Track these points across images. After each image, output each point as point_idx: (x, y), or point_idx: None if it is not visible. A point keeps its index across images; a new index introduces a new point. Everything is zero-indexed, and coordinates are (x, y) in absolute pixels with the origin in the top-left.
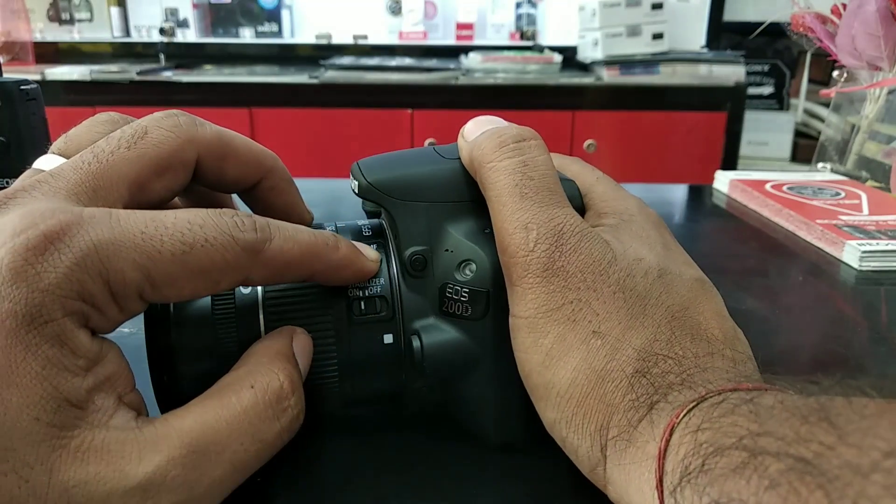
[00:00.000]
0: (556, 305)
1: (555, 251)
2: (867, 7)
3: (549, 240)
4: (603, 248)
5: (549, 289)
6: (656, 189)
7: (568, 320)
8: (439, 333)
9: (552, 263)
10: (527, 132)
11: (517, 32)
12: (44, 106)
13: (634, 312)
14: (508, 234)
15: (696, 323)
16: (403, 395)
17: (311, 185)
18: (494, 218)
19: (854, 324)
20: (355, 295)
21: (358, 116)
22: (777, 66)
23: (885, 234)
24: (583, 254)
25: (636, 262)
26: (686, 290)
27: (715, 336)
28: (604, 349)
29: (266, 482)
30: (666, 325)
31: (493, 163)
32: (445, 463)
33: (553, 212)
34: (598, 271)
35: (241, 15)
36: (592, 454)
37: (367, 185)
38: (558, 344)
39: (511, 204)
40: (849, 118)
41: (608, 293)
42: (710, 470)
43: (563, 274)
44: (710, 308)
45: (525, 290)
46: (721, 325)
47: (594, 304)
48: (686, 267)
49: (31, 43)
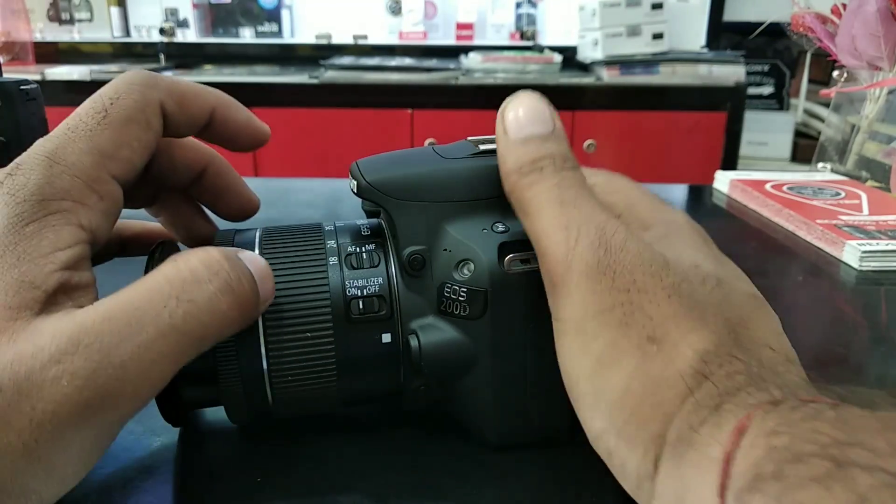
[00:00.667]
0: (606, 307)
1: (599, 247)
2: (867, 7)
3: (591, 236)
4: (652, 251)
5: (597, 288)
6: (656, 189)
7: (620, 324)
8: (437, 333)
9: (597, 261)
10: (562, 157)
11: (517, 32)
12: (44, 106)
13: (693, 317)
14: (547, 237)
15: (757, 336)
16: (401, 394)
17: (311, 185)
18: (532, 234)
19: (854, 324)
20: (353, 294)
21: (358, 116)
22: (777, 66)
23: (885, 234)
24: (630, 253)
25: (693, 268)
26: (745, 303)
27: (770, 353)
28: (661, 354)
29: (266, 482)
30: (726, 334)
31: (530, 187)
32: (445, 463)
33: (594, 212)
34: (649, 272)
35: (241, 15)
36: (643, 467)
37: (365, 185)
38: (610, 349)
39: (549, 212)
40: (849, 118)
41: (663, 296)
42: (785, 477)
43: (611, 273)
44: (769, 326)
45: (570, 290)
46: (781, 344)
47: (648, 308)
48: (741, 281)
49: (31, 43)
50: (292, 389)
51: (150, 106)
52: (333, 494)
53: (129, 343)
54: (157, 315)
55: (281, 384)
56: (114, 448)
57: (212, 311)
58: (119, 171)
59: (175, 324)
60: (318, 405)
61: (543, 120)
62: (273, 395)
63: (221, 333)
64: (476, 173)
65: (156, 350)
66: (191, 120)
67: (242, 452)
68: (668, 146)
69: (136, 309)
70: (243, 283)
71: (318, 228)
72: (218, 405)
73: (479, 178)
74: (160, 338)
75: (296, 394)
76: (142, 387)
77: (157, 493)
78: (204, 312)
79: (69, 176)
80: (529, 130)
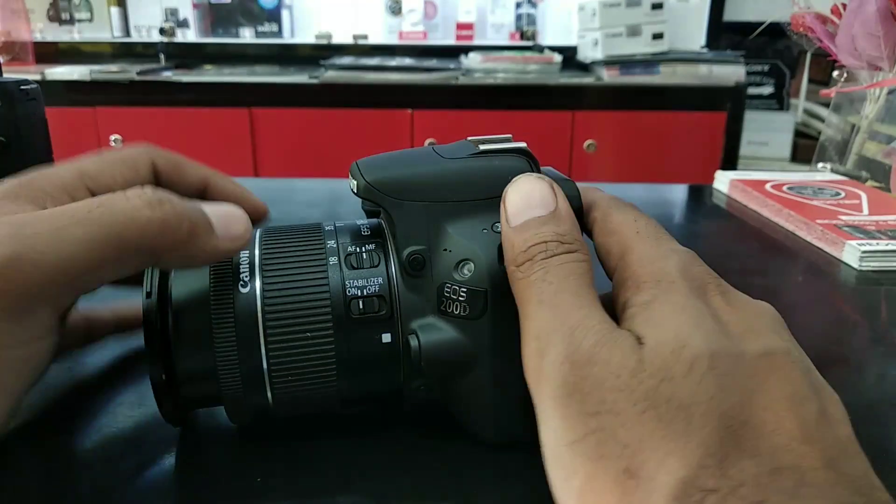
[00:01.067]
0: (578, 437)
1: (564, 362)
2: (867, 7)
3: (559, 348)
4: (626, 350)
5: (567, 413)
6: (656, 189)
7: (595, 456)
8: (437, 333)
9: (563, 380)
10: (556, 242)
11: (517, 32)
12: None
13: (673, 432)
14: (523, 345)
15: (759, 423)
16: (401, 393)
17: (311, 185)
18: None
19: (854, 324)
20: (354, 294)
21: (358, 116)
22: (777, 66)
23: (885, 234)
24: (598, 365)
25: (675, 354)
26: (746, 378)
27: (781, 440)
28: (639, 491)
29: (266, 482)
30: (717, 442)
31: (521, 278)
32: (445, 462)
33: (569, 313)
34: (618, 386)
35: (241, 15)
36: None
37: (365, 185)
38: (589, 485)
39: (526, 313)
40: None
41: (634, 415)
42: None
43: (579, 394)
44: (781, 393)
45: (543, 413)
46: (797, 413)
47: (620, 433)
48: (748, 337)
49: (31, 43)
50: (292, 389)
51: (140, 156)
52: (333, 494)
53: (45, 223)
54: (76, 209)
55: (281, 384)
56: (113, 448)
57: (130, 214)
58: (97, 189)
59: (92, 217)
60: (318, 405)
61: (542, 202)
62: (273, 394)
63: (143, 234)
64: (476, 173)
65: (69, 232)
66: (185, 183)
67: (242, 452)
68: (668, 146)
69: (62, 209)
70: (168, 202)
71: (317, 228)
72: (218, 405)
73: (479, 178)
74: (75, 224)
75: (296, 393)
76: (51, 259)
77: (157, 494)
78: (120, 213)
79: (47, 178)
80: (527, 215)
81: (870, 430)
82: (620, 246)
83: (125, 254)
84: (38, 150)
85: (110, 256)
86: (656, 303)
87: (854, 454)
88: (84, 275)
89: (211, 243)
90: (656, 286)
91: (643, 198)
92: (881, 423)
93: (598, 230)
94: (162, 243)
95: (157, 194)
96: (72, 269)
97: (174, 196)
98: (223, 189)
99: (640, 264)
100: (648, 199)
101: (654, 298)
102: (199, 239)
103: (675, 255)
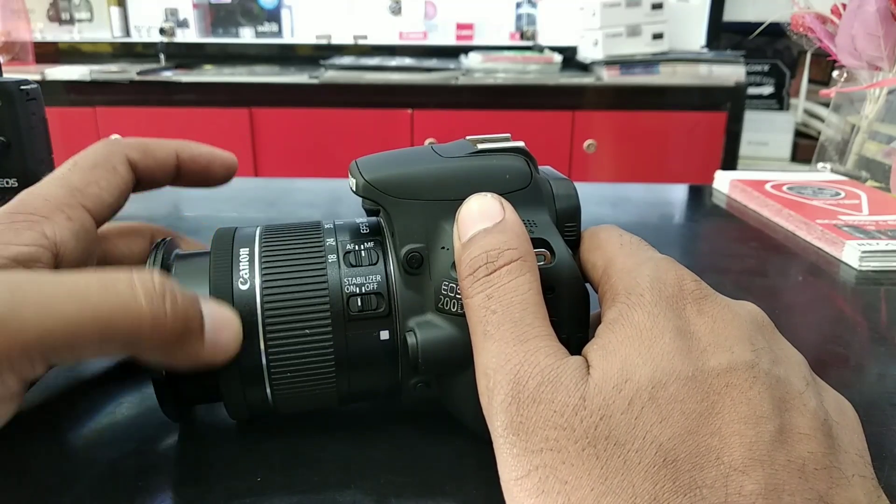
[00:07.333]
0: (523, 473)
1: (510, 403)
2: (867, 7)
3: (504, 388)
4: (570, 388)
5: (513, 451)
6: (656, 189)
7: (538, 492)
8: (435, 330)
9: (510, 420)
10: (500, 253)
11: (517, 32)
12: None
13: (609, 470)
14: (477, 379)
15: (703, 451)
16: (400, 391)
17: (312, 185)
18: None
19: (854, 324)
20: (352, 291)
21: (358, 116)
22: (777, 66)
23: (885, 234)
24: (542, 403)
25: (616, 389)
26: (696, 403)
27: (720, 471)
28: None
29: (266, 482)
30: (650, 480)
31: (467, 299)
32: (445, 462)
33: (513, 351)
34: (561, 424)
35: (241, 15)
36: None
37: (364, 184)
38: None
39: (477, 345)
40: (849, 118)
41: (575, 452)
42: None
43: (524, 432)
44: (735, 414)
45: (497, 448)
46: (748, 435)
47: (560, 470)
48: (711, 352)
49: (31, 43)
50: (291, 386)
51: (114, 155)
52: (333, 493)
53: (38, 293)
54: (76, 282)
55: (280, 380)
56: (113, 446)
57: (127, 303)
58: (89, 203)
59: (88, 297)
60: (317, 402)
61: (489, 214)
62: (272, 391)
63: (132, 327)
64: (474, 172)
65: (60, 307)
66: (159, 164)
67: (242, 451)
68: (668, 146)
69: (62, 279)
70: (168, 298)
71: (317, 226)
72: (217, 401)
73: (478, 176)
74: (68, 300)
75: (295, 390)
76: (32, 331)
77: (157, 492)
78: (116, 299)
79: (41, 199)
80: (474, 230)
81: (870, 430)
82: (604, 260)
83: (109, 342)
84: (38, 150)
85: (93, 340)
86: (617, 324)
87: (812, 473)
88: (62, 351)
89: (196, 351)
90: (626, 299)
91: (643, 198)
92: (881, 423)
93: (584, 247)
94: (149, 340)
95: (161, 286)
96: (50, 343)
97: (178, 289)
98: (194, 154)
99: (618, 276)
100: (648, 200)
101: (619, 316)
102: (185, 345)
103: (650, 264)
